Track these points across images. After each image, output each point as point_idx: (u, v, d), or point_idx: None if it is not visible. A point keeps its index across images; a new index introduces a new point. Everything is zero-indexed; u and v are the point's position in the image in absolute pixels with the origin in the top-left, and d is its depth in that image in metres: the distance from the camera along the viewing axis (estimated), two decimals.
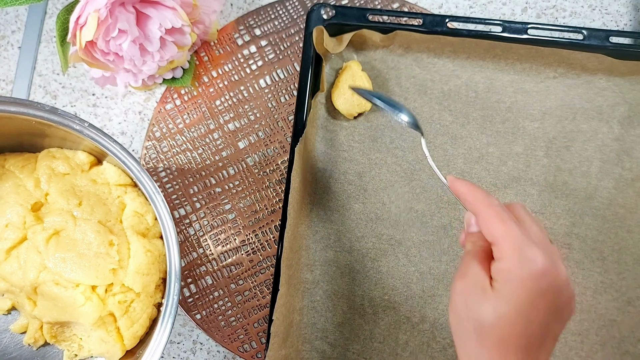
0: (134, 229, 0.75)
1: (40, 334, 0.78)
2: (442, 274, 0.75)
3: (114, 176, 0.77)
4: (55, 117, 0.67)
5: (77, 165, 0.78)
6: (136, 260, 0.73)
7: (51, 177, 0.76)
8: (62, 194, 0.74)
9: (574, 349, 0.74)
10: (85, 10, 0.66)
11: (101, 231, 0.73)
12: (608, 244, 0.75)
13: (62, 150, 0.78)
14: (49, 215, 0.74)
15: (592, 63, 0.75)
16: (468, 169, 0.76)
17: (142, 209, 0.77)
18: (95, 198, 0.76)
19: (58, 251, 0.72)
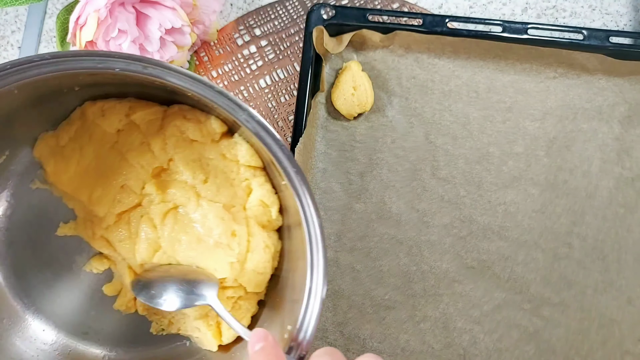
0: (256, 219, 0.68)
1: (133, 303, 0.74)
2: (444, 273, 0.75)
3: (246, 155, 0.68)
4: (221, 101, 0.57)
5: (208, 133, 0.69)
6: (255, 256, 0.67)
7: (179, 141, 0.68)
8: (188, 164, 0.68)
9: (574, 348, 0.74)
10: (85, 10, 0.66)
11: (225, 218, 0.67)
12: (608, 243, 0.75)
13: (194, 111, 0.69)
14: (171, 186, 0.68)
15: (592, 63, 0.76)
16: (469, 169, 0.76)
17: (269, 199, 0.68)
18: (223, 176, 0.68)
19: (175, 231, 0.67)
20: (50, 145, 0.70)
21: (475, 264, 0.75)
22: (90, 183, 0.70)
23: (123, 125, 0.69)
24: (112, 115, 0.69)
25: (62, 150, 0.70)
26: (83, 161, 0.70)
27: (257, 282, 0.68)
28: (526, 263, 0.75)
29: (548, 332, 0.74)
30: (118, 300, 0.74)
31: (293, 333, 0.58)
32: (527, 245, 0.75)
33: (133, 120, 0.69)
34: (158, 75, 0.56)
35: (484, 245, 0.75)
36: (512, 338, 0.74)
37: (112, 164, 0.69)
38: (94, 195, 0.70)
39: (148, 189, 0.68)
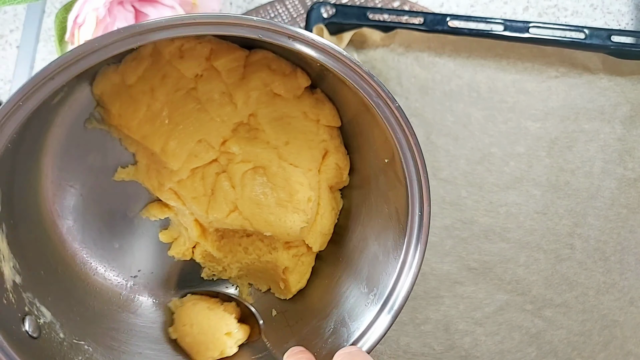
0: (328, 181, 0.67)
1: (190, 251, 0.70)
2: (445, 275, 0.75)
3: (328, 115, 0.65)
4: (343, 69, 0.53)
5: (293, 87, 0.64)
6: (323, 219, 0.66)
7: (262, 96, 0.64)
8: (270, 123, 0.64)
9: (576, 349, 0.74)
10: (84, 9, 0.66)
11: (304, 184, 0.64)
12: (610, 244, 0.75)
13: (279, 61, 0.63)
14: (253, 145, 0.64)
15: (594, 62, 0.75)
16: (470, 170, 0.76)
17: (343, 162, 0.66)
18: (303, 137, 0.65)
19: (254, 192, 0.64)
20: (114, 82, 0.63)
21: (477, 266, 0.75)
22: (164, 132, 0.64)
23: (202, 70, 0.63)
24: (192, 59, 0.63)
25: (129, 91, 0.63)
26: (154, 105, 0.63)
27: (322, 242, 0.68)
28: (528, 264, 0.75)
29: (550, 334, 0.74)
30: (173, 247, 0.71)
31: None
32: (529, 247, 0.75)
33: (215, 66, 0.63)
34: (305, 52, 0.52)
35: (486, 246, 0.75)
36: (514, 340, 0.74)
37: (189, 113, 0.64)
38: (168, 147, 0.64)
39: (232, 146, 0.64)
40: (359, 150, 0.66)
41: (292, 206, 0.65)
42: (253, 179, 0.64)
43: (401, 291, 0.58)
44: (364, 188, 0.66)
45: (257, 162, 0.64)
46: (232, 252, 0.70)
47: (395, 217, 0.59)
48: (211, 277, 0.72)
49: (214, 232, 0.69)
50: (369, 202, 0.65)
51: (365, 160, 0.65)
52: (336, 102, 0.65)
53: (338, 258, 0.68)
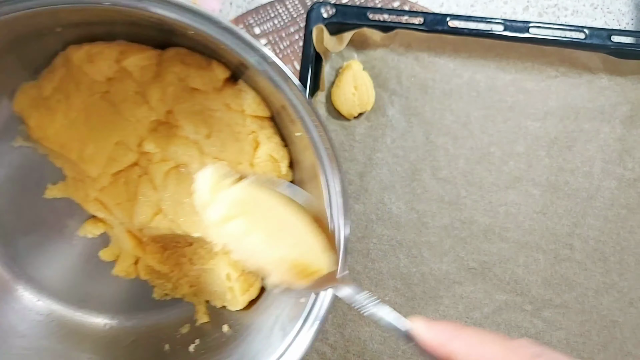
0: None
1: (133, 268, 0.69)
2: (444, 275, 0.75)
3: (252, 104, 0.62)
4: (229, 41, 0.51)
5: (210, 80, 0.61)
6: None
7: (178, 91, 0.62)
8: (189, 118, 0.62)
9: (575, 350, 0.73)
10: None
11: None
12: (610, 245, 0.75)
13: (194, 55, 0.62)
14: (171, 142, 0.62)
15: (594, 62, 0.75)
16: (470, 169, 0.76)
17: (278, 153, 0.63)
18: (228, 130, 0.62)
19: (177, 192, 0.62)
20: (31, 96, 0.63)
21: (476, 266, 0.75)
22: (80, 138, 0.63)
23: (114, 72, 0.62)
24: (101, 61, 0.61)
25: (46, 102, 0.62)
26: (70, 113, 0.63)
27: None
28: (527, 264, 0.74)
29: (549, 334, 0.74)
30: (117, 265, 0.69)
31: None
32: (528, 247, 0.75)
33: (125, 66, 0.62)
34: (154, 11, 0.50)
35: (485, 246, 0.75)
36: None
37: (103, 116, 0.63)
38: (85, 152, 0.63)
39: (146, 146, 0.62)
40: (293, 141, 0.63)
41: None
42: (176, 178, 0.63)
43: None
44: (307, 183, 0.63)
45: (177, 159, 0.63)
46: (178, 265, 0.68)
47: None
48: (163, 297, 0.71)
49: (154, 244, 0.68)
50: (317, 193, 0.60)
51: (298, 150, 0.62)
52: (262, 91, 0.62)
53: None
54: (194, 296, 0.70)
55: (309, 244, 0.51)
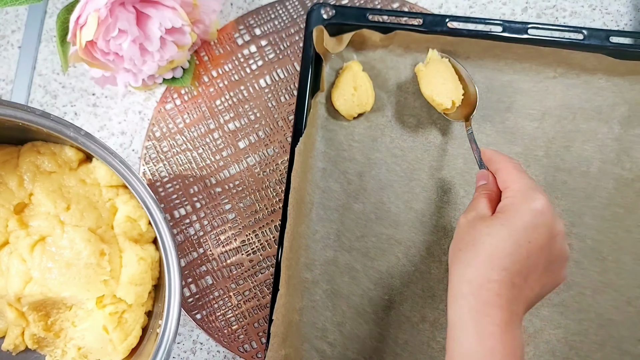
0: (126, 235, 0.71)
1: (21, 339, 0.74)
2: (442, 274, 0.75)
3: (105, 177, 0.72)
4: (48, 123, 0.63)
5: (65, 163, 0.72)
6: (129, 270, 0.70)
7: (36, 175, 0.70)
8: (48, 196, 0.69)
9: (573, 349, 0.74)
10: (86, 9, 0.66)
11: (92, 240, 0.68)
12: (607, 244, 0.75)
13: (47, 145, 0.72)
14: (34, 219, 0.70)
15: (592, 63, 0.75)
16: (468, 169, 0.76)
17: (135, 214, 0.72)
18: (86, 201, 0.71)
19: (44, 260, 0.68)
20: None
21: None
22: None
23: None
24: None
25: None
26: None
27: (137, 293, 0.70)
28: None
29: (547, 333, 0.74)
30: (6, 339, 0.74)
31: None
32: None
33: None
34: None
35: None
36: None
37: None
38: None
39: (11, 225, 0.69)
40: None
41: (84, 262, 0.68)
42: (42, 249, 0.68)
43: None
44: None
45: (41, 232, 0.69)
46: (63, 330, 0.73)
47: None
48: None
49: (35, 313, 0.72)
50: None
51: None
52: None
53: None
54: (85, 358, 0.74)
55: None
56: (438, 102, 0.73)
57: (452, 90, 0.73)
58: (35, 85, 0.83)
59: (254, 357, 0.79)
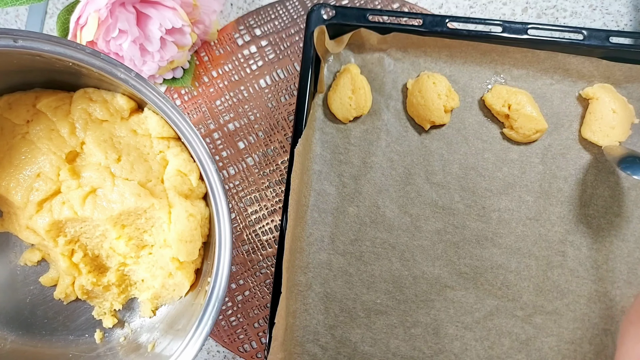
0: (176, 189, 0.69)
1: (72, 289, 0.74)
2: (435, 279, 0.75)
3: (157, 127, 0.70)
4: (97, 62, 0.60)
5: (116, 111, 0.70)
6: (178, 226, 0.68)
7: (87, 124, 0.69)
8: (99, 145, 0.68)
9: (567, 357, 0.73)
10: (86, 10, 0.67)
11: (142, 194, 0.67)
12: (602, 253, 0.74)
13: (99, 92, 0.70)
14: (86, 169, 0.69)
15: (587, 68, 0.74)
16: (463, 174, 0.76)
17: (186, 168, 0.70)
18: (136, 153, 0.69)
19: (95, 213, 0.67)
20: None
21: (468, 270, 0.75)
22: (6, 175, 0.70)
23: (31, 115, 0.70)
24: (19, 107, 0.70)
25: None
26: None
27: (188, 250, 0.69)
28: (519, 270, 0.74)
29: (540, 341, 0.74)
30: (57, 289, 0.75)
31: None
32: (521, 253, 0.75)
33: (39, 108, 0.69)
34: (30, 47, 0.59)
35: (477, 251, 0.75)
36: (503, 346, 0.74)
37: (25, 153, 0.70)
38: (10, 185, 0.70)
39: (63, 175, 0.69)
40: None
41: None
42: (93, 202, 0.68)
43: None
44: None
45: (92, 184, 0.68)
46: (112, 284, 0.75)
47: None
48: (102, 316, 0.76)
49: (89, 264, 0.73)
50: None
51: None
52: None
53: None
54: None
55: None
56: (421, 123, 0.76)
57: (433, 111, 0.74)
58: None
59: (253, 357, 0.80)
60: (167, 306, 0.75)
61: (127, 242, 0.71)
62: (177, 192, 0.69)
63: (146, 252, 0.73)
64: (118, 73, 0.60)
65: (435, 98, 0.73)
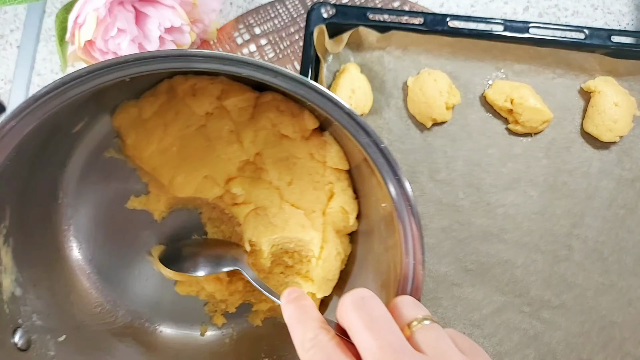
0: (334, 225, 0.66)
1: (196, 291, 0.72)
2: (442, 276, 0.75)
3: (335, 157, 0.65)
4: (304, 92, 0.53)
5: (300, 129, 0.65)
6: (327, 264, 0.65)
7: (269, 136, 0.65)
8: (275, 164, 0.65)
9: (575, 351, 0.73)
10: (84, 9, 0.66)
11: (305, 226, 0.64)
12: (608, 245, 0.75)
13: (288, 102, 0.65)
14: (255, 185, 0.65)
15: (590, 63, 0.75)
16: (468, 171, 0.76)
17: (350, 206, 0.66)
18: (308, 179, 0.65)
19: (253, 233, 0.65)
20: (131, 116, 0.67)
21: (475, 267, 0.75)
22: (172, 166, 0.67)
23: (213, 108, 0.66)
24: (204, 97, 0.66)
25: (145, 124, 0.67)
26: (166, 139, 0.66)
27: (326, 288, 0.67)
28: (526, 265, 0.74)
29: (548, 335, 0.74)
30: (179, 285, 0.73)
31: None
32: (527, 248, 0.75)
33: (225, 105, 0.66)
34: (243, 73, 0.52)
35: (483, 248, 0.75)
36: (512, 341, 0.74)
37: (197, 149, 0.66)
38: (175, 181, 0.67)
39: (234, 188, 0.66)
40: (366, 195, 0.65)
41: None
42: (254, 221, 0.66)
43: None
44: (370, 235, 0.65)
45: (258, 202, 0.65)
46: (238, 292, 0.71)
47: (393, 267, 0.56)
48: (212, 314, 0.73)
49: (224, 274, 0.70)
50: (373, 249, 0.64)
51: (370, 204, 0.64)
52: (344, 145, 0.65)
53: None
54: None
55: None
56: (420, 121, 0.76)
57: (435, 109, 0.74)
58: (34, 84, 0.83)
59: None
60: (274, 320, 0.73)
61: (269, 260, 0.68)
62: (334, 227, 0.66)
63: (279, 270, 0.70)
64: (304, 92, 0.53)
65: (436, 95, 0.73)
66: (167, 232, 0.72)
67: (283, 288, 0.67)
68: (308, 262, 0.67)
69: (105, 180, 0.70)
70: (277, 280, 0.70)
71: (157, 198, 0.70)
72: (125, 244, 0.72)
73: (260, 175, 0.66)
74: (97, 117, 0.67)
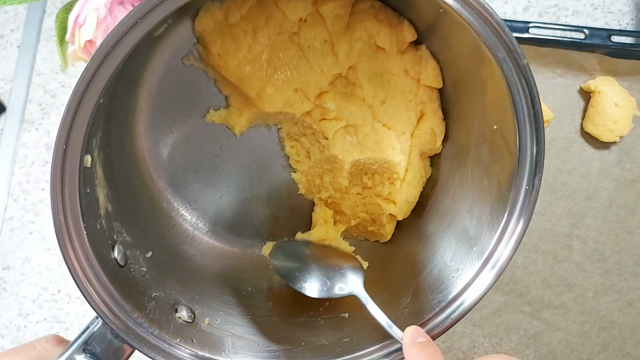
0: (420, 146, 0.63)
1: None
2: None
3: (431, 75, 0.60)
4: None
5: (397, 41, 0.59)
6: (410, 187, 0.63)
7: (364, 48, 0.60)
8: (369, 80, 0.60)
9: (575, 351, 0.73)
10: (85, 9, 0.66)
11: (395, 148, 0.61)
12: (609, 245, 0.75)
13: (387, 11, 0.59)
14: (348, 101, 0.61)
15: (590, 63, 0.75)
16: None
17: (439, 128, 0.62)
18: (401, 98, 0.61)
19: (341, 152, 0.62)
20: (216, 19, 0.60)
21: None
22: (262, 77, 0.61)
23: (307, 14, 0.59)
24: (298, 1, 0.59)
25: (231, 30, 0.60)
26: (255, 48, 0.60)
27: (407, 210, 0.65)
28: (526, 266, 0.74)
29: (548, 335, 0.74)
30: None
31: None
32: (527, 248, 0.75)
33: (320, 11, 0.59)
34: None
35: None
36: (511, 341, 0.74)
37: (289, 59, 0.61)
38: (264, 93, 0.61)
39: (327, 101, 0.61)
40: (459, 118, 0.62)
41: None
42: (343, 139, 0.62)
43: (501, 255, 0.54)
44: (459, 158, 0.62)
45: (349, 120, 0.61)
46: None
47: (497, 191, 0.54)
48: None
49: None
50: (464, 173, 0.60)
51: (465, 128, 0.61)
52: (442, 61, 0.61)
53: (420, 229, 0.65)
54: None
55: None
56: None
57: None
58: (35, 84, 0.83)
59: None
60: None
61: (347, 180, 0.65)
62: (420, 149, 0.63)
63: (356, 191, 0.67)
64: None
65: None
66: (244, 149, 0.69)
67: (360, 210, 0.67)
68: (391, 185, 0.64)
69: (182, 91, 0.65)
70: (353, 201, 0.67)
71: (238, 112, 0.65)
72: (206, 160, 0.69)
73: (352, 91, 0.62)
74: (178, 21, 0.61)
